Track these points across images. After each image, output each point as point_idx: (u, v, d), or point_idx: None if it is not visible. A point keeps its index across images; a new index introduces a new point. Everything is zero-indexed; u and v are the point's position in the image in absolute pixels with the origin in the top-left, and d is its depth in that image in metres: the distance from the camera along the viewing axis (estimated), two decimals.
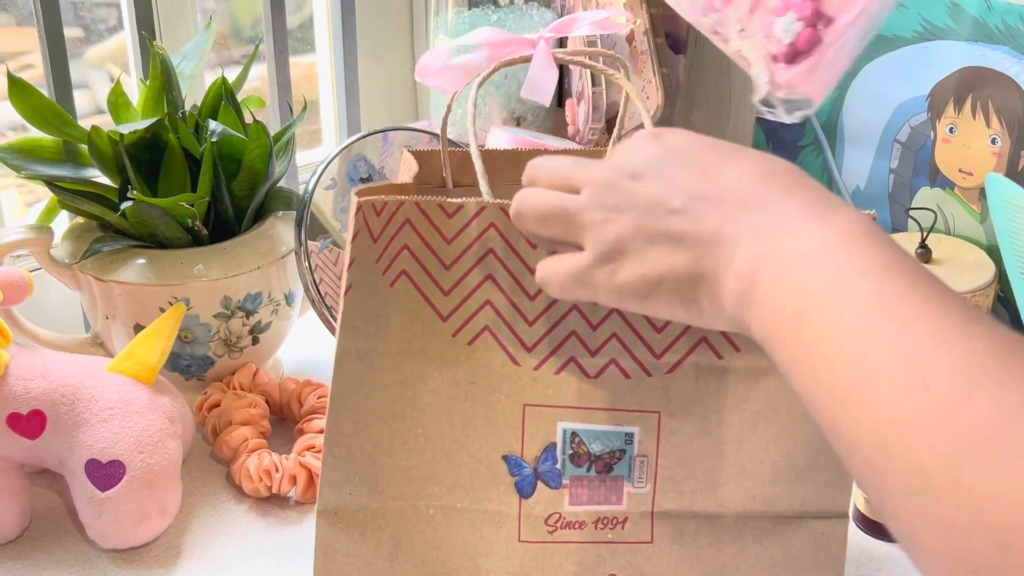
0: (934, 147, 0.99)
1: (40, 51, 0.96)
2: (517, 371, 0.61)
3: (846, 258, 0.44)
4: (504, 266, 0.59)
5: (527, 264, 0.59)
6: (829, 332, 0.42)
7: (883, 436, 0.39)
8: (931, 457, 0.37)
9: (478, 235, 0.59)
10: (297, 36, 1.24)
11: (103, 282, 0.87)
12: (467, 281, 0.60)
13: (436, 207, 0.59)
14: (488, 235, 0.59)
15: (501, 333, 0.61)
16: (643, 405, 0.61)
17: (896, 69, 1.01)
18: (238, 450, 0.85)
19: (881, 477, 0.39)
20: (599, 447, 0.62)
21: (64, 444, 0.77)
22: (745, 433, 0.62)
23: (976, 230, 0.98)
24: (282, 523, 0.82)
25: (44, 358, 0.79)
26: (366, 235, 0.59)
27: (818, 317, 0.43)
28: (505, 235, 0.59)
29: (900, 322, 0.40)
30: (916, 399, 0.38)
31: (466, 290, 0.60)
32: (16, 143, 0.88)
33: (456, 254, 0.60)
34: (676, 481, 0.63)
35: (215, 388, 0.91)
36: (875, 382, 0.40)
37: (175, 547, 0.79)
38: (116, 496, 0.75)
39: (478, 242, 0.59)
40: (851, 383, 0.41)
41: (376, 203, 0.58)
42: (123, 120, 0.90)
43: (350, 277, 0.59)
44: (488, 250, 0.59)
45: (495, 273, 0.60)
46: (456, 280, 0.60)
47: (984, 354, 0.38)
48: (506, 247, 0.59)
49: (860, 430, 0.40)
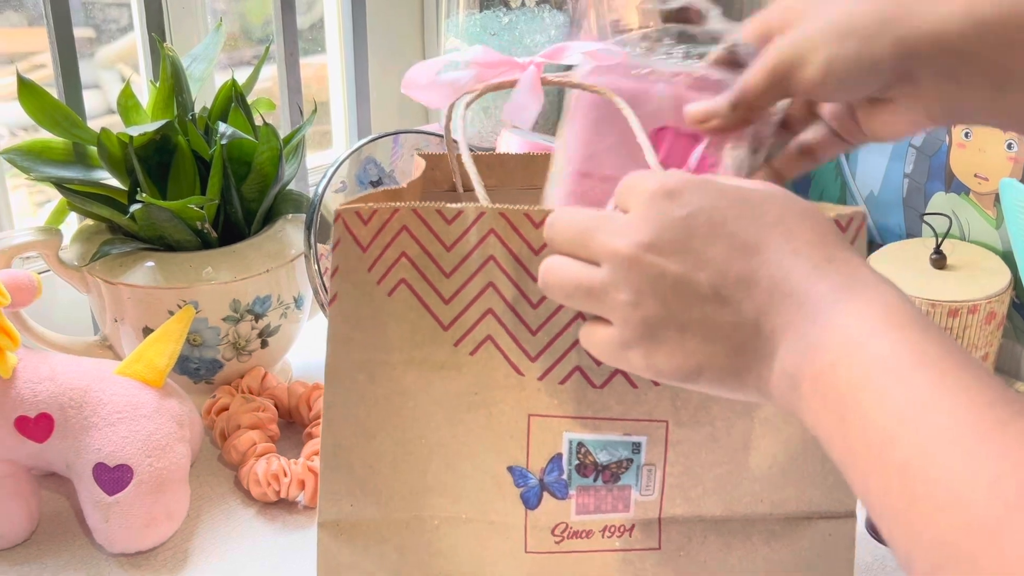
0: (949, 152, 0.98)
1: (50, 51, 0.96)
2: (521, 381, 0.60)
3: (886, 354, 0.43)
4: (505, 273, 0.59)
5: (529, 271, 0.58)
6: (872, 444, 0.41)
7: (934, 559, 0.38)
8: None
9: (478, 241, 0.58)
10: (307, 37, 1.24)
11: (112, 285, 0.87)
12: (468, 289, 0.59)
13: (435, 213, 0.58)
14: (488, 241, 0.58)
15: (503, 343, 0.60)
16: (650, 414, 0.61)
17: None
18: (246, 454, 0.85)
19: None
20: (606, 457, 0.61)
21: (72, 448, 0.77)
22: (755, 440, 0.61)
23: (991, 236, 0.97)
24: (290, 528, 0.81)
25: (52, 361, 0.79)
26: (351, 243, 0.58)
27: (860, 425, 0.42)
28: (505, 241, 0.58)
29: (943, 430, 0.39)
30: (961, 523, 0.37)
31: (467, 298, 0.59)
32: (25, 145, 0.88)
33: (456, 261, 0.59)
34: (684, 488, 0.62)
35: (223, 392, 0.90)
36: (922, 503, 0.39)
37: (183, 551, 0.79)
38: (124, 500, 0.75)
39: (478, 249, 0.58)
40: (899, 500, 0.40)
41: (362, 211, 0.58)
42: (133, 122, 0.90)
43: (335, 286, 0.59)
44: (488, 257, 0.58)
45: (496, 281, 0.59)
46: (457, 288, 0.59)
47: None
48: (507, 254, 0.58)
49: (912, 547, 0.39)
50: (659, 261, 0.48)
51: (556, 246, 0.53)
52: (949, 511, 0.38)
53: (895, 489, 0.40)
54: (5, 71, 1.07)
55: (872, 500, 0.42)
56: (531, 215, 0.57)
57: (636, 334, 0.49)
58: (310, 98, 1.16)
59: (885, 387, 0.42)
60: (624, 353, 0.50)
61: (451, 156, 0.74)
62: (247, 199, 0.90)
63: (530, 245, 0.58)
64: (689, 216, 0.48)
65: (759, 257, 0.47)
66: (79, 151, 0.89)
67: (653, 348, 0.49)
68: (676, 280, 0.48)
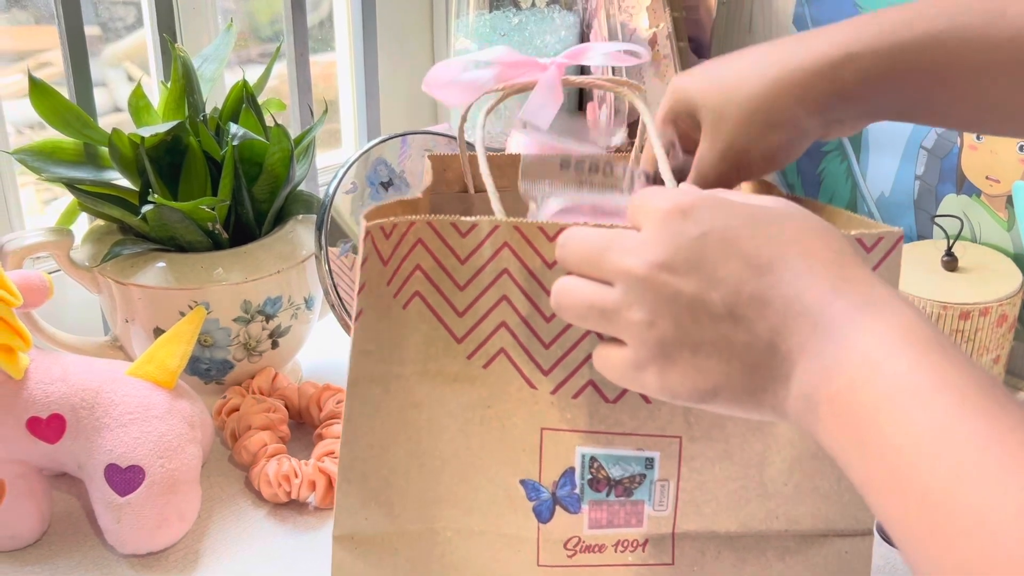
0: (960, 153, 0.98)
1: (60, 49, 0.96)
2: (534, 395, 0.60)
3: (905, 375, 0.42)
4: (519, 287, 0.58)
5: (543, 285, 0.58)
6: (892, 468, 0.41)
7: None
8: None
9: (492, 255, 0.58)
10: (316, 36, 1.24)
11: (123, 285, 0.87)
12: (482, 302, 0.59)
13: (449, 226, 0.58)
14: (502, 255, 0.58)
15: (517, 356, 0.60)
16: (664, 430, 0.61)
17: None
18: (257, 455, 0.85)
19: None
20: (619, 472, 0.61)
21: (83, 448, 0.77)
22: (769, 456, 0.61)
23: (1003, 238, 0.97)
24: (301, 529, 0.82)
25: (64, 361, 0.79)
26: (376, 259, 0.58)
27: (879, 449, 0.42)
28: (519, 255, 0.58)
29: (965, 455, 0.39)
30: (985, 550, 0.37)
31: (481, 311, 0.59)
32: (36, 145, 0.88)
33: (470, 274, 0.59)
34: (697, 504, 0.62)
35: (234, 392, 0.91)
36: (944, 530, 0.38)
37: (194, 553, 0.79)
38: (135, 501, 0.75)
39: (492, 262, 0.58)
40: (921, 526, 0.39)
41: (385, 226, 0.57)
42: (144, 123, 0.90)
43: (360, 302, 0.58)
44: (502, 270, 0.58)
45: (510, 294, 0.59)
46: (470, 301, 0.59)
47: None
48: (521, 267, 0.58)
49: (934, 573, 0.39)
50: (673, 280, 0.47)
51: (568, 266, 0.52)
52: (973, 538, 0.37)
53: (916, 514, 0.40)
54: (12, 69, 1.07)
55: (893, 524, 0.41)
56: (545, 229, 0.57)
57: (650, 355, 0.48)
58: (319, 96, 1.15)
59: (905, 410, 0.41)
60: (638, 375, 0.49)
61: (463, 157, 0.74)
62: (258, 200, 0.90)
63: (544, 259, 0.58)
64: (703, 235, 0.48)
65: (773, 276, 0.47)
66: (90, 152, 0.89)
67: (667, 368, 0.48)
68: (690, 300, 0.47)
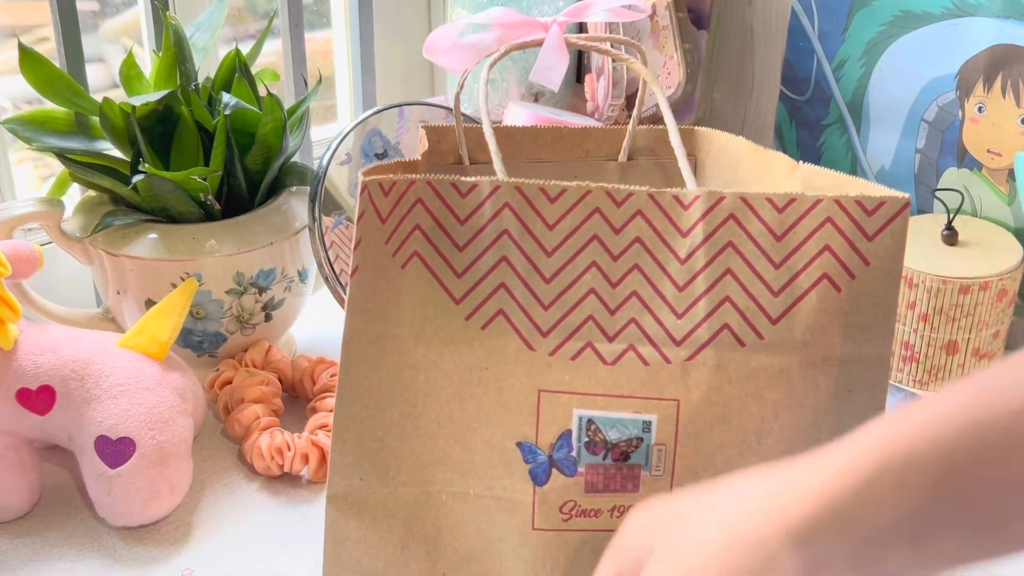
0: (962, 127, 0.97)
1: (52, 22, 0.95)
2: (532, 356, 0.59)
3: None
4: (519, 248, 0.58)
5: (543, 246, 0.58)
6: None
7: None
8: None
9: (492, 215, 0.57)
10: (313, 10, 1.23)
11: (114, 257, 0.86)
12: (481, 263, 0.59)
13: (449, 186, 0.57)
14: (503, 215, 0.57)
15: (515, 317, 0.59)
16: (662, 393, 0.60)
17: (924, 46, 0.98)
18: (250, 428, 0.84)
19: None
20: (616, 435, 0.60)
21: (74, 420, 0.76)
22: (767, 423, 0.61)
23: (1004, 212, 0.96)
24: (294, 502, 0.81)
25: (54, 333, 0.78)
26: (373, 215, 0.57)
27: None
28: (520, 215, 0.57)
29: None
30: None
31: (480, 272, 0.59)
32: (28, 115, 0.87)
33: (469, 235, 0.58)
34: (694, 470, 0.61)
35: (227, 365, 0.90)
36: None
37: (185, 525, 0.78)
38: (126, 473, 0.75)
39: (492, 222, 0.58)
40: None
41: (384, 182, 0.57)
42: (135, 92, 0.89)
43: (356, 259, 0.58)
44: (503, 231, 0.58)
45: (510, 255, 0.58)
46: (470, 262, 0.59)
47: None
48: (521, 228, 0.57)
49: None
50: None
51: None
52: None
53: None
54: (7, 45, 1.06)
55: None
56: (546, 190, 0.56)
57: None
58: (315, 72, 1.14)
59: None
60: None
61: (458, 128, 0.73)
62: (251, 171, 0.89)
63: (544, 220, 0.57)
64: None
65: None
66: (81, 121, 0.88)
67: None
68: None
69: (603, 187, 0.59)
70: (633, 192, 0.59)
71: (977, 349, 0.90)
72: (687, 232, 0.59)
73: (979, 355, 0.90)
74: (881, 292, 0.59)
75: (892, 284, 0.59)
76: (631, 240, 0.59)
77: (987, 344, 0.90)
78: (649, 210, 0.59)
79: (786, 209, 0.58)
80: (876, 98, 1.03)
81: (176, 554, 0.75)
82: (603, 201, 0.59)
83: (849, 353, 0.60)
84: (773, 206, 0.58)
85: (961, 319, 0.89)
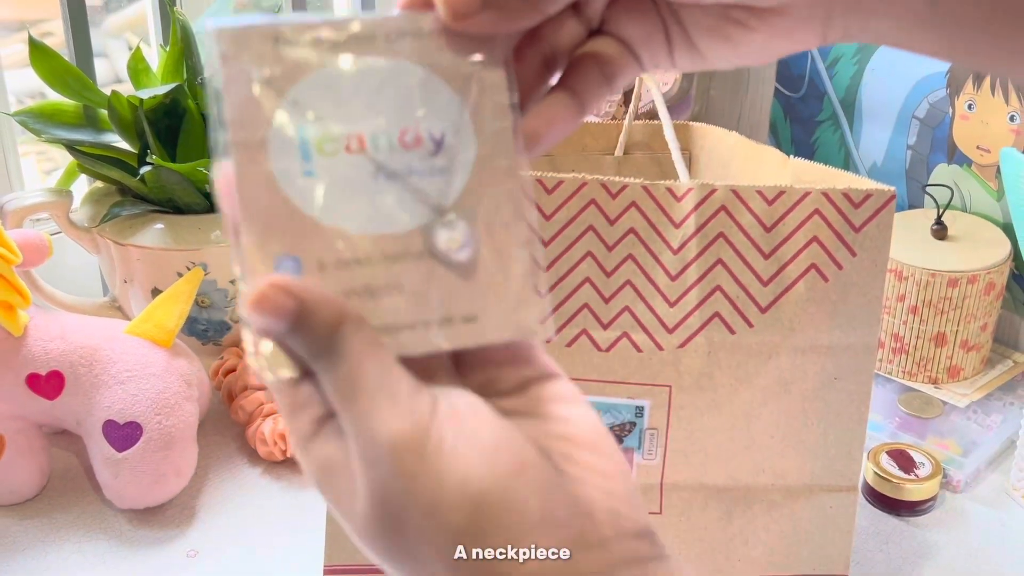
0: (952, 124, 0.99)
1: (61, 16, 0.96)
2: None
3: None
4: None
5: (539, 236, 0.59)
6: None
7: None
8: None
9: None
10: (316, 5, 1.24)
11: (121, 246, 0.87)
12: None
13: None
14: None
15: None
16: (654, 379, 0.62)
17: None
18: (253, 414, 0.86)
19: None
20: (609, 419, 0.62)
21: (82, 405, 0.78)
22: (756, 408, 0.63)
23: (993, 208, 0.98)
24: (296, 487, 0.82)
25: (62, 320, 0.80)
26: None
27: None
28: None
29: None
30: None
31: None
32: (37, 107, 0.88)
33: None
34: (686, 454, 0.63)
35: (231, 353, 0.91)
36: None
37: (190, 508, 0.80)
38: (132, 457, 0.76)
39: None
40: None
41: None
42: (143, 85, 0.90)
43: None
44: None
45: None
46: None
47: None
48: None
49: None
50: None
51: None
52: None
53: None
54: (15, 38, 1.07)
55: None
56: (543, 181, 0.58)
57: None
58: None
59: None
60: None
61: None
62: None
63: (541, 210, 0.59)
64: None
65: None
66: (89, 114, 0.90)
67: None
68: None
69: (599, 179, 0.60)
70: (628, 184, 0.61)
71: (965, 341, 0.92)
72: (680, 223, 0.61)
73: (967, 347, 0.92)
74: (867, 282, 0.61)
75: (878, 274, 0.61)
76: (625, 231, 0.61)
77: (975, 336, 0.92)
78: (643, 202, 0.61)
79: (775, 201, 0.60)
80: (868, 95, 1.05)
81: (181, 536, 0.77)
82: (599, 193, 0.61)
83: (836, 341, 0.62)
84: (763, 198, 0.60)
85: (950, 312, 0.90)
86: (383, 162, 0.36)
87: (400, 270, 0.35)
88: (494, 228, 0.36)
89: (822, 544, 0.66)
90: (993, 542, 0.78)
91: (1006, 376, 0.95)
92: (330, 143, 0.35)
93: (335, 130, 0.35)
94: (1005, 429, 0.88)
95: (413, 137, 0.36)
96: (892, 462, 0.81)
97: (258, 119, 0.35)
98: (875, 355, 0.63)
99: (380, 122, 0.36)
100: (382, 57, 0.36)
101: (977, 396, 0.92)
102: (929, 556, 0.77)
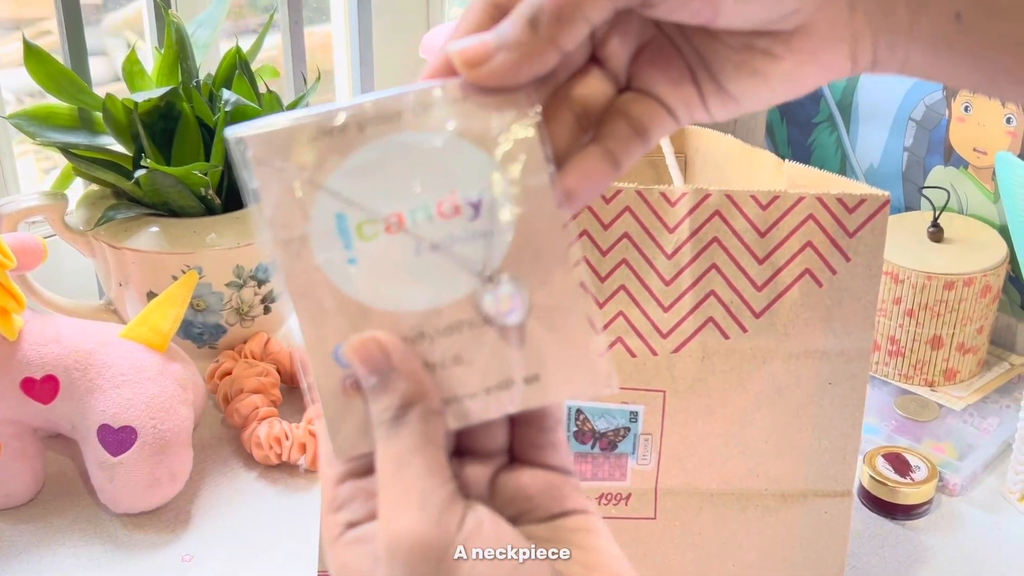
0: (949, 126, 0.99)
1: (55, 17, 0.96)
2: None
3: None
4: None
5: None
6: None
7: None
8: None
9: None
10: (312, 6, 1.24)
11: (116, 249, 0.87)
12: None
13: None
14: None
15: None
16: (649, 384, 0.62)
17: None
18: (249, 418, 0.86)
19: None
20: (604, 424, 0.62)
21: (77, 409, 0.78)
22: (750, 413, 0.62)
23: (989, 210, 0.98)
24: (291, 491, 0.82)
25: (58, 324, 0.80)
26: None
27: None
28: None
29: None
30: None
31: None
32: (31, 110, 0.88)
33: None
34: (680, 459, 0.63)
35: (227, 356, 0.91)
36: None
37: (185, 512, 0.80)
38: (127, 461, 0.76)
39: None
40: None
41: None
42: (138, 88, 0.90)
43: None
44: None
45: None
46: None
47: None
48: None
49: None
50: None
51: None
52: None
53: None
54: (11, 37, 1.07)
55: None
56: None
57: None
58: (314, 67, 1.16)
59: None
60: None
61: None
62: None
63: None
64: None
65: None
66: (84, 117, 0.90)
67: None
68: None
69: None
70: (621, 189, 0.61)
71: (962, 344, 0.92)
72: (674, 228, 0.61)
73: (963, 350, 0.92)
74: (862, 287, 0.61)
75: (872, 279, 0.61)
76: (619, 235, 0.61)
77: (971, 339, 0.92)
78: (637, 206, 0.61)
79: (770, 206, 0.60)
80: (865, 97, 1.05)
81: (176, 540, 0.77)
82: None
83: (830, 346, 0.62)
84: (757, 203, 0.60)
85: (946, 314, 0.90)
86: (424, 236, 0.36)
87: (455, 340, 0.35)
88: (544, 285, 0.36)
89: (817, 549, 0.66)
90: (989, 545, 0.78)
91: (1002, 379, 0.95)
92: (370, 226, 0.35)
93: (373, 213, 0.36)
94: (1001, 432, 0.88)
95: (451, 206, 0.36)
96: (888, 465, 0.81)
97: (297, 215, 0.35)
98: (869, 360, 0.63)
99: (416, 198, 0.36)
100: (410, 132, 0.36)
101: (973, 399, 0.92)
102: (925, 560, 0.77)
